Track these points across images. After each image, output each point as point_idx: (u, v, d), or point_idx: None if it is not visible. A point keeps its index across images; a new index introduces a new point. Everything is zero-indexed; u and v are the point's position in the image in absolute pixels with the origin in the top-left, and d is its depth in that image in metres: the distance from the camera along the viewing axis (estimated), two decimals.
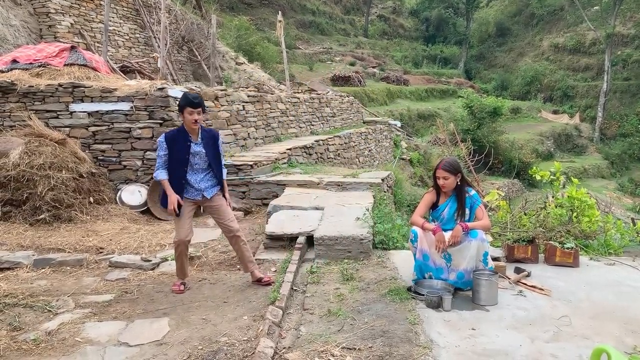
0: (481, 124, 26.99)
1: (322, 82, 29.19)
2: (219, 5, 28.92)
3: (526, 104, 41.82)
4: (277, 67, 24.40)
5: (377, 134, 16.40)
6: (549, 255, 5.01)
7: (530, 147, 30.56)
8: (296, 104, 12.80)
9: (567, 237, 5.28)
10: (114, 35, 14.37)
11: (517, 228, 5.54)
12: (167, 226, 7.02)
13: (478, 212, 4.31)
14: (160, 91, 7.74)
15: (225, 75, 17.85)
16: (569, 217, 5.65)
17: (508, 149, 28.09)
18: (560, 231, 5.37)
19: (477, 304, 4.02)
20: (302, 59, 35.55)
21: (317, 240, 5.26)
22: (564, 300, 4.10)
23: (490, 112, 27.09)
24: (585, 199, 5.69)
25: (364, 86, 31.97)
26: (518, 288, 4.36)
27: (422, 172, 18.05)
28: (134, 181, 7.84)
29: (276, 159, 8.75)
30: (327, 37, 44.43)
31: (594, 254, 5.39)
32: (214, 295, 4.60)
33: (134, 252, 5.83)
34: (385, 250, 5.47)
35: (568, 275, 4.69)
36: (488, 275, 4.08)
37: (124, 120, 7.76)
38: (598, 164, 32.53)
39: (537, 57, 47.15)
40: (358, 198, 6.92)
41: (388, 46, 49.26)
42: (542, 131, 35.00)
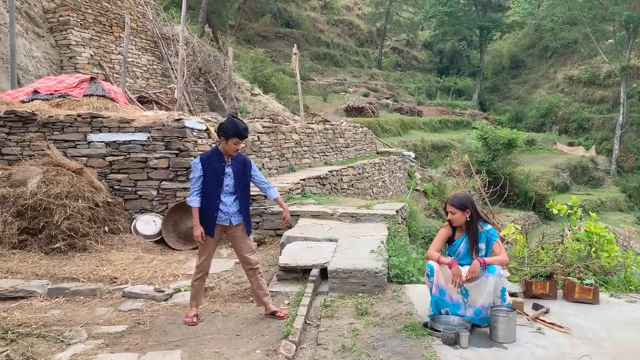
0: (496, 156, 26.86)
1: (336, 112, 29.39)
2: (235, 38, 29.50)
3: (541, 136, 41.64)
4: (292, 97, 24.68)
5: (390, 165, 16.41)
6: (568, 292, 4.92)
7: (546, 180, 30.28)
8: (310, 135, 12.89)
9: (586, 273, 5.18)
10: (133, 67, 14.69)
11: (534, 263, 5.46)
12: (180, 256, 7.04)
13: (495, 246, 4.27)
14: (177, 122, 7.85)
15: (241, 106, 18.08)
16: (588, 252, 5.55)
17: (523, 181, 27.86)
18: (579, 267, 5.27)
19: (495, 341, 3.94)
20: (316, 90, 35.91)
21: (330, 273, 5.22)
22: (584, 339, 4.01)
23: (505, 143, 26.97)
24: (604, 234, 5.61)
25: (378, 117, 32.11)
26: (536, 325, 4.28)
27: (436, 203, 17.94)
28: (149, 211, 7.89)
29: (290, 189, 8.77)
30: (341, 68, 44.93)
31: (614, 291, 5.28)
32: (227, 328, 4.57)
33: (147, 282, 5.84)
34: (400, 284, 5.40)
35: (588, 313, 4.59)
36: (506, 311, 4.01)
37: (141, 151, 7.86)
38: (615, 197, 32.10)
39: (551, 89, 47.12)
40: (372, 230, 6.88)
41: (402, 77, 49.64)
42: (557, 163, 34.73)
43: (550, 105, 44.12)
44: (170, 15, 18.03)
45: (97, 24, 13.65)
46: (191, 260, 6.82)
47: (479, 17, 48.83)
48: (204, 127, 8.25)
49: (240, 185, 4.75)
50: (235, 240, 4.80)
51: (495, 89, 51.89)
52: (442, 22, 49.84)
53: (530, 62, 52.17)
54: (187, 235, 7.63)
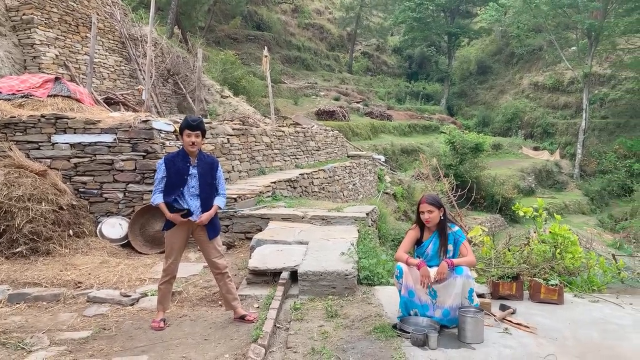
0: (463, 160, 27.29)
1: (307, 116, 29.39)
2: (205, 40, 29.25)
3: (507, 141, 42.48)
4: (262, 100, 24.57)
5: (361, 168, 16.47)
6: (534, 292, 5.00)
7: (512, 183, 30.90)
8: (281, 138, 12.83)
9: (551, 274, 5.28)
10: (99, 67, 14.38)
11: (501, 264, 5.53)
12: (147, 260, 6.90)
13: (462, 248, 4.31)
14: (144, 123, 7.72)
15: (210, 108, 17.90)
16: (553, 253, 5.66)
17: (490, 184, 28.37)
18: (545, 267, 5.37)
19: (463, 342, 3.97)
20: (287, 93, 35.88)
21: (301, 275, 5.19)
22: (550, 339, 4.08)
23: (472, 148, 27.43)
24: (568, 236, 5.73)
25: (348, 121, 32.24)
26: (504, 325, 4.33)
27: (405, 206, 18.09)
28: (115, 214, 7.73)
29: (260, 192, 8.71)
30: (312, 72, 44.99)
31: (578, 291, 5.40)
32: (195, 332, 4.50)
33: (113, 286, 5.71)
34: (370, 286, 5.41)
35: (553, 313, 4.67)
36: (474, 312, 4.05)
37: (107, 152, 7.70)
38: (578, 200, 32.94)
39: (517, 95, 48.16)
40: (343, 232, 6.88)
41: (372, 82, 50.01)
42: (523, 167, 35.47)
43: (516, 110, 45.10)
44: (138, 16, 17.72)
45: (63, 23, 13.31)
46: (158, 264, 6.69)
47: (447, 23, 49.67)
48: (172, 129, 8.13)
49: (205, 188, 4.68)
50: (203, 244, 4.75)
51: (463, 94, 52.75)
52: (412, 28, 50.50)
53: (496, 68, 53.22)
54: (154, 239, 7.49)
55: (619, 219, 29.53)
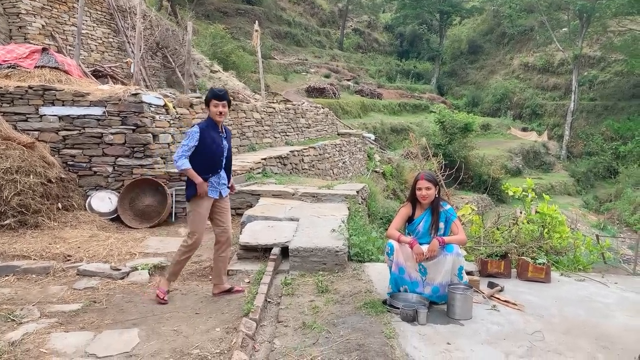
0: (452, 139, 27.35)
1: (297, 92, 29.21)
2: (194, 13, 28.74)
3: (496, 121, 42.62)
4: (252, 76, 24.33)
5: (351, 146, 16.48)
6: (522, 271, 5.07)
7: (500, 163, 31.11)
8: (271, 114, 12.77)
9: (539, 253, 5.35)
10: (87, 39, 14.13)
11: (490, 243, 5.60)
12: (137, 234, 6.89)
13: (453, 226, 4.34)
14: (134, 97, 7.63)
15: (200, 82, 17.70)
16: (540, 232, 5.74)
17: (478, 164, 28.53)
18: (532, 247, 5.44)
19: (452, 318, 4.03)
20: (277, 69, 35.54)
21: (292, 251, 5.21)
22: (537, 316, 4.15)
23: (462, 127, 27.48)
24: (556, 216, 5.80)
25: (339, 98, 32.11)
26: (492, 303, 4.40)
27: (394, 185, 18.17)
28: (105, 188, 7.69)
29: (251, 168, 8.70)
30: (303, 48, 44.54)
31: (565, 270, 5.48)
32: (186, 306, 4.51)
33: (103, 260, 5.69)
34: (360, 263, 5.45)
35: (540, 291, 4.75)
36: (463, 289, 4.10)
37: (96, 126, 7.63)
38: (564, 181, 33.29)
39: (507, 75, 48.19)
40: (333, 210, 6.91)
41: (363, 60, 49.68)
42: (511, 148, 35.67)
43: (505, 90, 45.17)
44: None
45: None
46: (148, 238, 6.70)
47: (439, 1, 49.23)
48: (162, 103, 8.04)
49: (230, 157, 4.79)
50: (220, 211, 4.75)
51: (453, 73, 52.65)
52: (404, 5, 50.10)
53: (487, 47, 53.10)
54: (143, 213, 7.47)
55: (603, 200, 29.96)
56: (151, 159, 7.70)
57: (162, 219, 7.40)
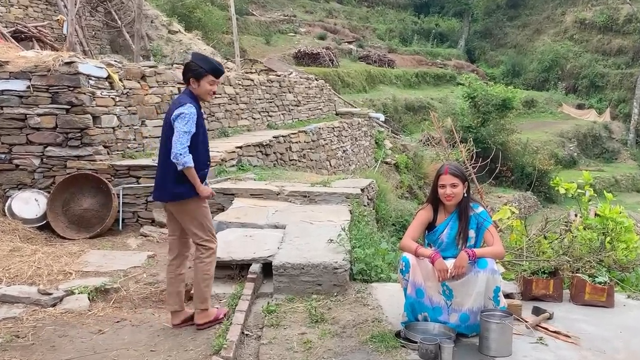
0: (486, 120, 27.40)
1: (283, 59, 29.20)
2: None
3: (544, 96, 42.69)
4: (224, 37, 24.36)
5: (354, 130, 16.49)
6: (577, 292, 5.09)
7: (548, 151, 31.19)
8: (249, 88, 12.78)
9: (599, 269, 5.38)
10: None
11: (535, 256, 5.62)
12: (73, 247, 6.89)
13: (487, 235, 4.34)
14: (68, 66, 7.63)
15: (155, 47, 17.70)
16: (601, 242, 5.76)
17: (520, 152, 28.61)
18: (590, 261, 5.46)
19: (486, 354, 4.04)
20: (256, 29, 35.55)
21: (276, 268, 5.22)
22: (596, 351, 4.17)
23: (498, 104, 27.52)
24: (621, 220, 5.83)
25: (337, 67, 32.15)
26: (538, 334, 4.41)
27: (411, 180, 18.21)
28: (30, 186, 7.70)
29: (222, 159, 8.73)
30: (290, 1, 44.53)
31: (632, 291, 5.51)
32: (138, 341, 4.53)
33: (28, 282, 5.69)
34: (366, 283, 5.47)
35: (600, 318, 4.77)
36: (500, 317, 4.11)
37: (18, 104, 7.62)
38: (633, 174, 33.33)
39: (558, 36, 48.20)
40: (330, 214, 6.94)
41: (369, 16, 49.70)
42: (563, 131, 35.76)
43: (555, 56, 45.13)
44: None
45: None
46: (88, 252, 6.70)
47: None
48: (104, 74, 8.03)
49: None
50: None
51: (488, 33, 52.66)
52: None
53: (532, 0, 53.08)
54: (81, 220, 7.48)
55: None
56: (91, 148, 7.69)
57: (105, 227, 7.41)
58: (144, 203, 7.75)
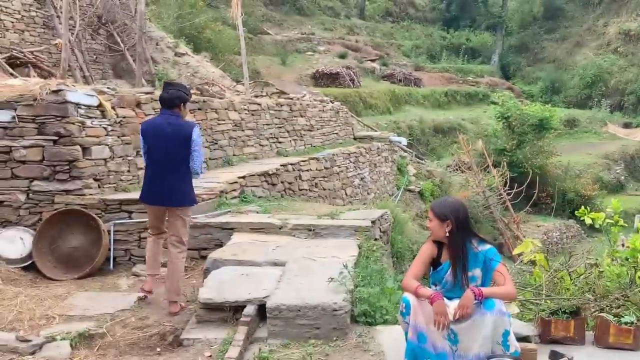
0: (522, 142, 27.25)
1: (299, 80, 29.45)
2: None
3: (586, 114, 42.39)
4: (235, 59, 24.57)
5: (373, 156, 16.49)
6: (600, 334, 5.00)
7: (592, 175, 30.83)
8: (256, 113, 12.85)
9: (628, 307, 5.28)
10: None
11: (556, 294, 5.54)
12: (59, 289, 6.92)
13: (497, 275, 4.29)
14: (55, 95, 7.70)
15: (160, 70, 17.90)
16: (631, 278, 5.66)
17: (560, 177, 28.34)
18: (618, 299, 5.37)
19: None
20: (271, 49, 35.87)
21: (270, 311, 5.20)
22: None
23: (535, 125, 27.38)
24: None
25: (359, 87, 32.29)
26: None
27: None
28: (15, 223, 7.75)
29: (222, 191, 8.74)
30: (308, 18, 44.97)
31: None
32: None
33: (7, 327, 5.72)
34: (369, 326, 5.42)
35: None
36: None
37: (2, 136, 7.70)
38: None
39: (600, 49, 48.01)
40: (336, 249, 6.90)
41: (393, 32, 49.98)
42: (608, 152, 35.41)
43: (598, 71, 44.92)
44: None
45: None
46: (74, 295, 6.72)
47: None
48: (95, 102, 8.11)
49: None
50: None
51: (524, 48, 52.60)
52: None
53: (571, 11, 53.07)
54: (69, 259, 7.52)
55: None
56: (80, 182, 7.73)
57: (95, 267, 7.43)
58: (136, 240, 7.76)
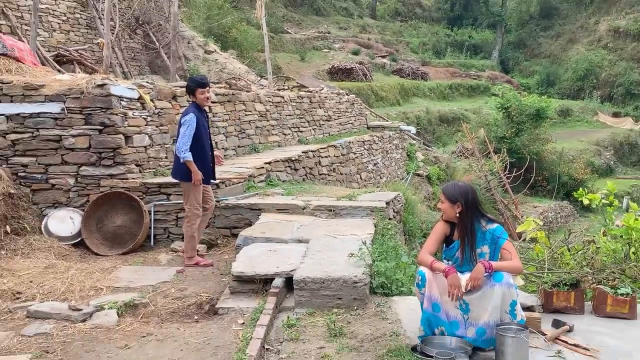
0: (520, 130, 27.10)
1: (317, 75, 29.34)
2: None
3: (579, 105, 42.10)
4: (259, 56, 24.55)
5: (384, 143, 16.46)
6: (598, 304, 4.97)
7: (584, 160, 30.63)
8: (279, 105, 12.84)
9: (623, 280, 5.25)
10: (47, 16, 14.43)
11: (557, 268, 5.51)
12: (105, 264, 6.97)
13: (504, 252, 4.26)
14: (100, 88, 7.73)
15: (191, 66, 17.92)
16: (626, 253, 5.62)
17: (555, 162, 28.18)
18: (614, 272, 5.33)
19: None
20: (291, 47, 35.78)
21: (297, 283, 5.21)
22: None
23: (532, 114, 27.23)
24: None
25: (371, 81, 32.16)
26: (556, 347, 4.31)
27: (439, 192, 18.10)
28: (65, 205, 7.81)
29: (251, 175, 8.75)
30: (324, 18, 44.78)
31: None
32: (161, 356, 4.54)
33: (60, 298, 5.77)
34: (386, 297, 5.42)
35: (622, 331, 4.64)
36: (516, 330, 4.03)
37: (53, 126, 7.74)
38: None
39: (592, 45, 47.56)
40: (354, 227, 6.91)
41: (402, 30, 49.68)
42: (599, 139, 35.17)
43: (590, 65, 44.54)
44: None
45: None
46: (120, 268, 6.77)
47: None
48: (136, 95, 8.14)
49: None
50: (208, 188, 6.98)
51: (521, 44, 52.20)
52: None
53: (565, 9, 52.54)
54: (114, 237, 7.57)
55: None
56: (123, 167, 7.78)
57: (137, 243, 7.48)
58: (174, 219, 7.80)
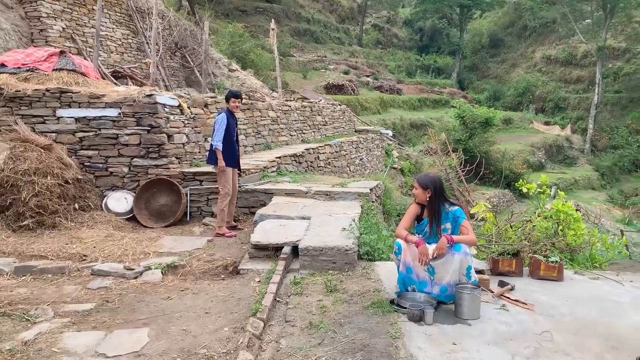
0: (473, 134, 27.09)
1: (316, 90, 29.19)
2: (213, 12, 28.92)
3: (518, 115, 42.06)
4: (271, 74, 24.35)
5: (368, 143, 16.44)
6: (534, 269, 5.00)
7: (522, 158, 30.66)
8: (287, 112, 12.79)
9: (553, 251, 5.27)
10: (106, 41, 14.31)
11: (502, 241, 5.53)
12: (152, 234, 6.97)
13: (462, 228, 4.29)
14: (148, 98, 7.71)
15: (218, 81, 17.81)
16: (555, 230, 5.64)
17: (499, 159, 28.19)
18: (546, 244, 5.36)
19: (460, 317, 3.99)
20: (296, 67, 35.56)
21: (302, 250, 5.22)
22: (547, 315, 4.09)
23: (482, 122, 27.21)
24: (571, 212, 5.70)
25: (357, 95, 32.02)
26: (501, 302, 4.34)
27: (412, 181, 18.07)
28: (121, 188, 7.80)
29: (265, 167, 8.73)
30: (322, 45, 44.52)
31: (579, 268, 5.38)
32: (196, 305, 4.56)
33: (117, 260, 5.77)
34: (370, 262, 5.44)
35: (552, 290, 4.68)
36: (470, 289, 4.06)
37: (112, 127, 7.73)
38: (588, 176, 32.66)
39: (529, 69, 47.48)
40: (345, 208, 6.90)
41: (382, 55, 49.47)
42: (533, 142, 35.16)
43: (527, 84, 44.53)
44: None
45: None
46: (163, 238, 6.78)
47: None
48: (176, 103, 8.11)
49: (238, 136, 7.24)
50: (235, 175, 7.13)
51: (474, 67, 52.08)
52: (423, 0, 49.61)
53: (509, 41, 52.36)
54: (159, 213, 7.56)
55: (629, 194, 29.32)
56: (166, 159, 7.77)
57: (176, 219, 7.48)
58: (205, 200, 7.80)
